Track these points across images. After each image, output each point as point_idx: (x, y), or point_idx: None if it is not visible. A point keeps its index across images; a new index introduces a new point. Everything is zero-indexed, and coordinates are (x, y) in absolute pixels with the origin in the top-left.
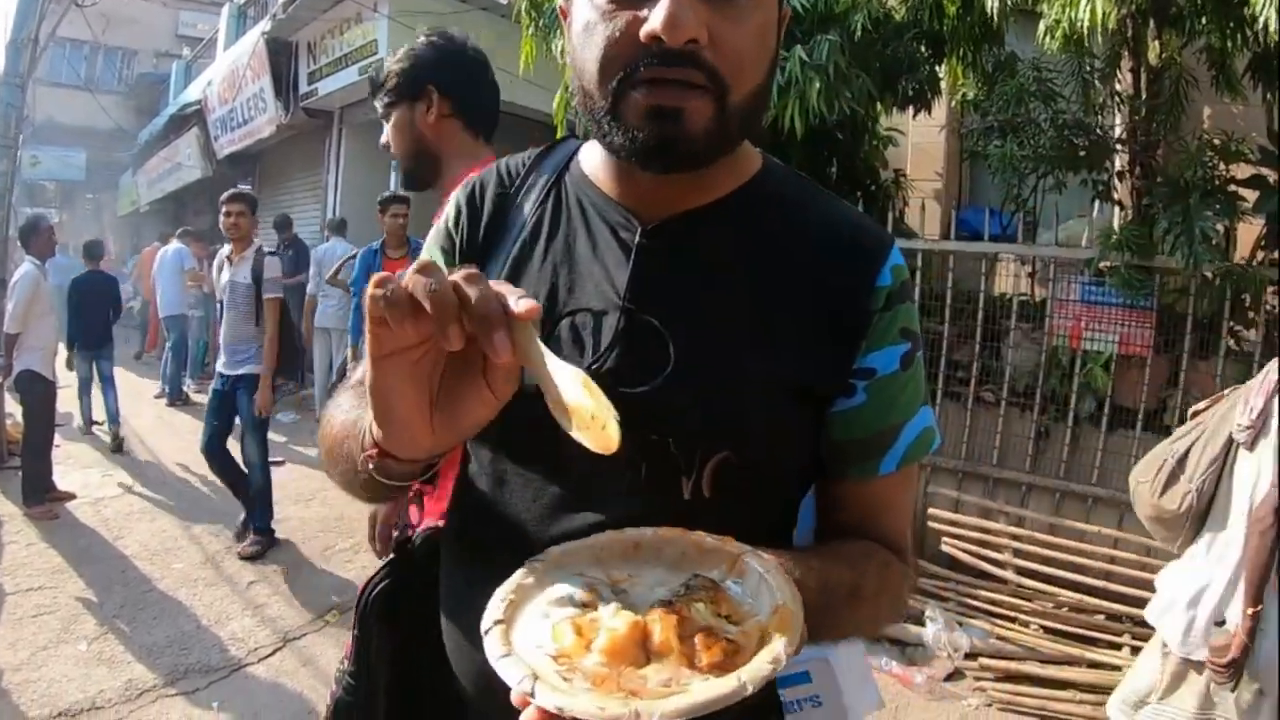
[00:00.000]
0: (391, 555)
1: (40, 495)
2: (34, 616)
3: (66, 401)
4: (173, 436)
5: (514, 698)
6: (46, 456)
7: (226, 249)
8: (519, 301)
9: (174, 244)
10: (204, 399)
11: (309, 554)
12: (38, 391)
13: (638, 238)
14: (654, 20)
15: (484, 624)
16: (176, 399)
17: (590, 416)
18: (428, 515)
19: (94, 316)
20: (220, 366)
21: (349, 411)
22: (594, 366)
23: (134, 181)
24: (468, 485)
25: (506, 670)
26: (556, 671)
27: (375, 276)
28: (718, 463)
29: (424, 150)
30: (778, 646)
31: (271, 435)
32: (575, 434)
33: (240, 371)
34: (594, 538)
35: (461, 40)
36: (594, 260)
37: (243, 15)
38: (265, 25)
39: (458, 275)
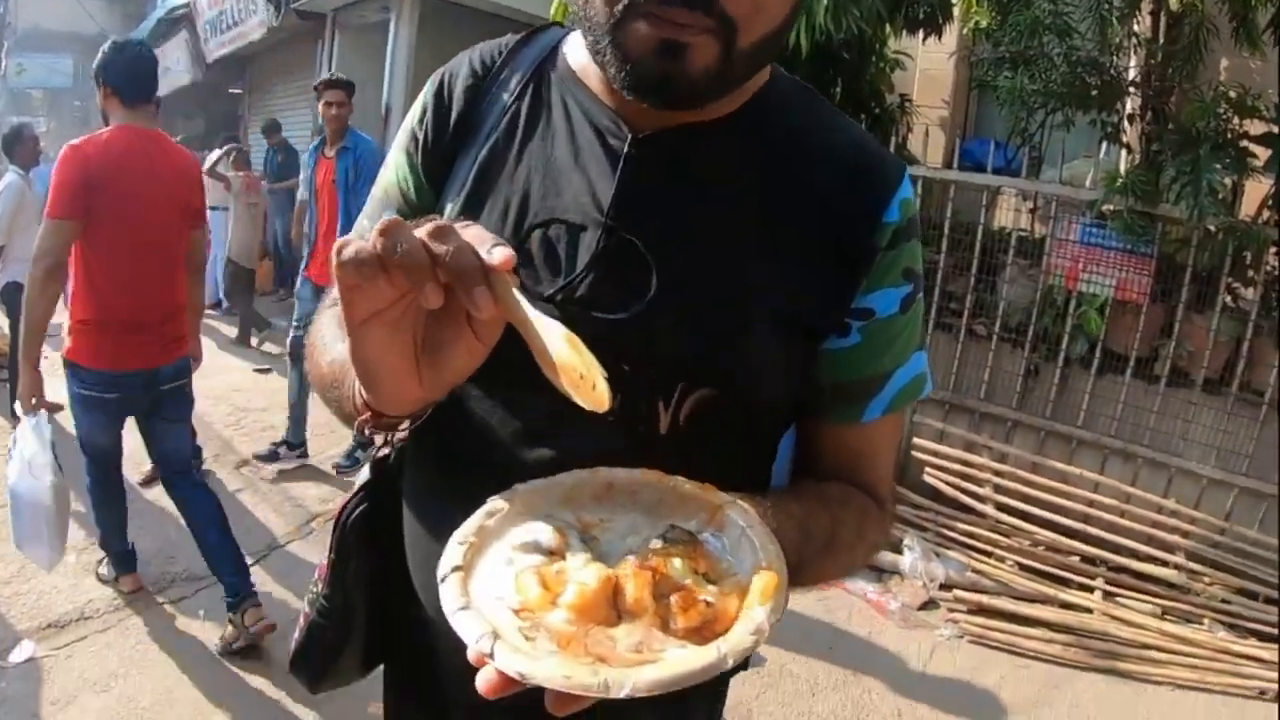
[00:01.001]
0: (369, 477)
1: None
2: None
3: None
4: None
5: (470, 656)
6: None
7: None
8: (493, 251)
9: None
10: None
11: (298, 466)
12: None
13: (627, 146)
14: None
15: (440, 569)
16: None
17: (579, 375)
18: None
19: None
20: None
21: (333, 345)
22: (568, 288)
23: None
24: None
25: (464, 625)
26: (519, 629)
27: (337, 242)
28: (699, 398)
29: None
30: (759, 615)
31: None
32: (565, 390)
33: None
34: (565, 475)
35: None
36: (575, 167)
37: None
38: None
39: (423, 232)
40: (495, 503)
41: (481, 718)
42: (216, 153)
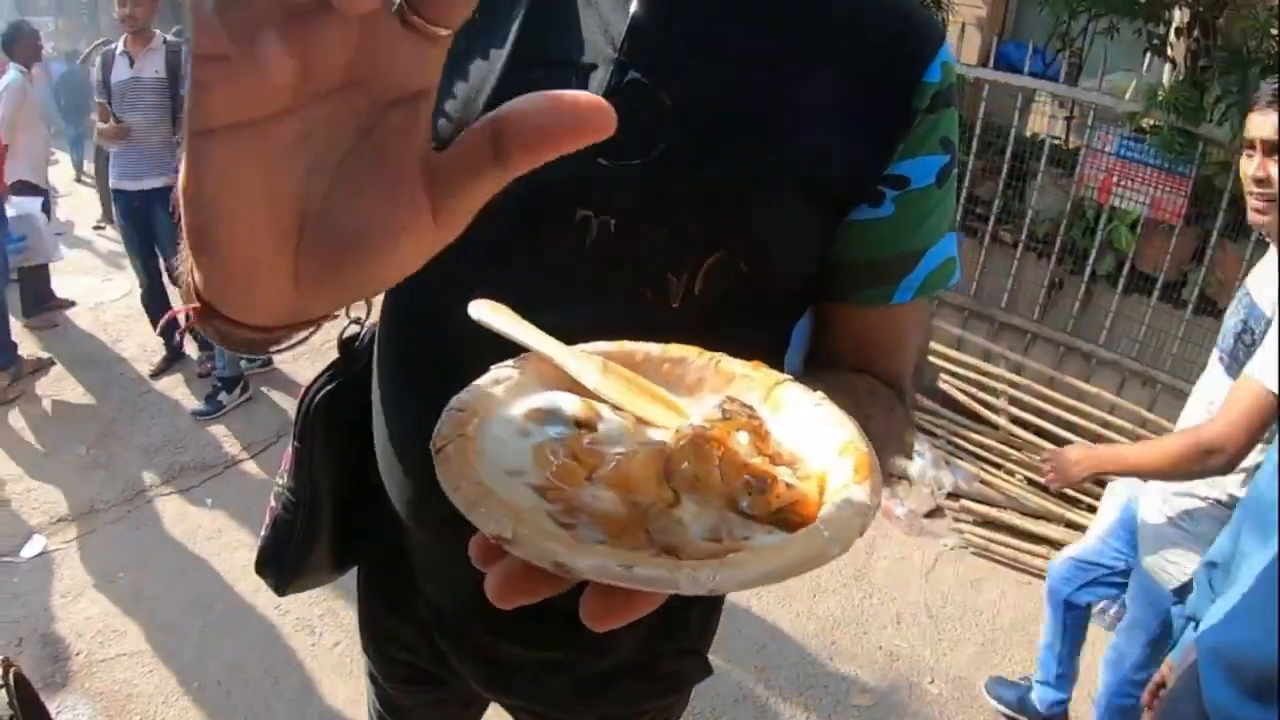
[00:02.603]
0: (336, 356)
1: (40, 305)
2: (32, 425)
3: (66, 210)
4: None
5: (475, 551)
6: (44, 265)
7: (117, 44)
8: None
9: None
10: None
11: (307, 349)
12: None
13: None
14: None
15: (434, 440)
16: None
17: (631, 397)
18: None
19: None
20: (120, 182)
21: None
22: None
23: None
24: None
25: (474, 513)
26: (548, 512)
27: None
28: (714, 263)
29: None
30: (859, 494)
31: None
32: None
33: (156, 184)
34: (584, 345)
35: None
36: (586, 3)
37: None
38: None
39: None
40: (501, 369)
41: (462, 629)
42: None
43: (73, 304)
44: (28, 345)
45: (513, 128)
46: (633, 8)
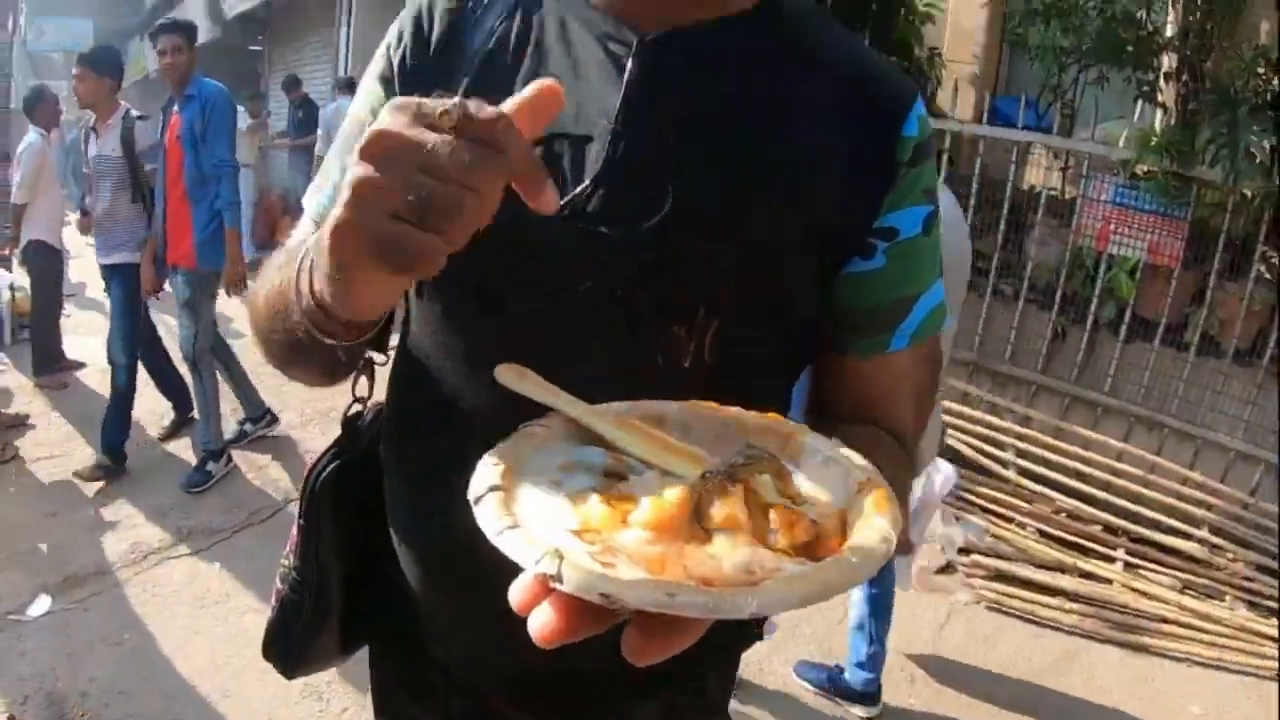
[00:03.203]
0: (339, 435)
1: (50, 365)
2: (43, 484)
3: (77, 271)
4: None
5: (516, 597)
6: (55, 325)
7: (91, 117)
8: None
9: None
10: None
11: (314, 414)
12: (45, 261)
13: (632, 49)
14: None
15: (472, 492)
16: None
17: (658, 450)
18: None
19: None
20: (97, 255)
21: (274, 275)
22: (574, 205)
23: (142, 47)
24: (412, 343)
25: (514, 547)
26: (588, 553)
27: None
28: (719, 323)
29: None
30: (882, 524)
31: None
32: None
33: (116, 260)
34: (607, 405)
35: None
36: (575, 79)
37: None
38: None
39: (442, 136)
40: (530, 426)
41: (483, 698)
42: (240, 109)
43: (83, 365)
44: (37, 404)
45: None
46: (625, 80)
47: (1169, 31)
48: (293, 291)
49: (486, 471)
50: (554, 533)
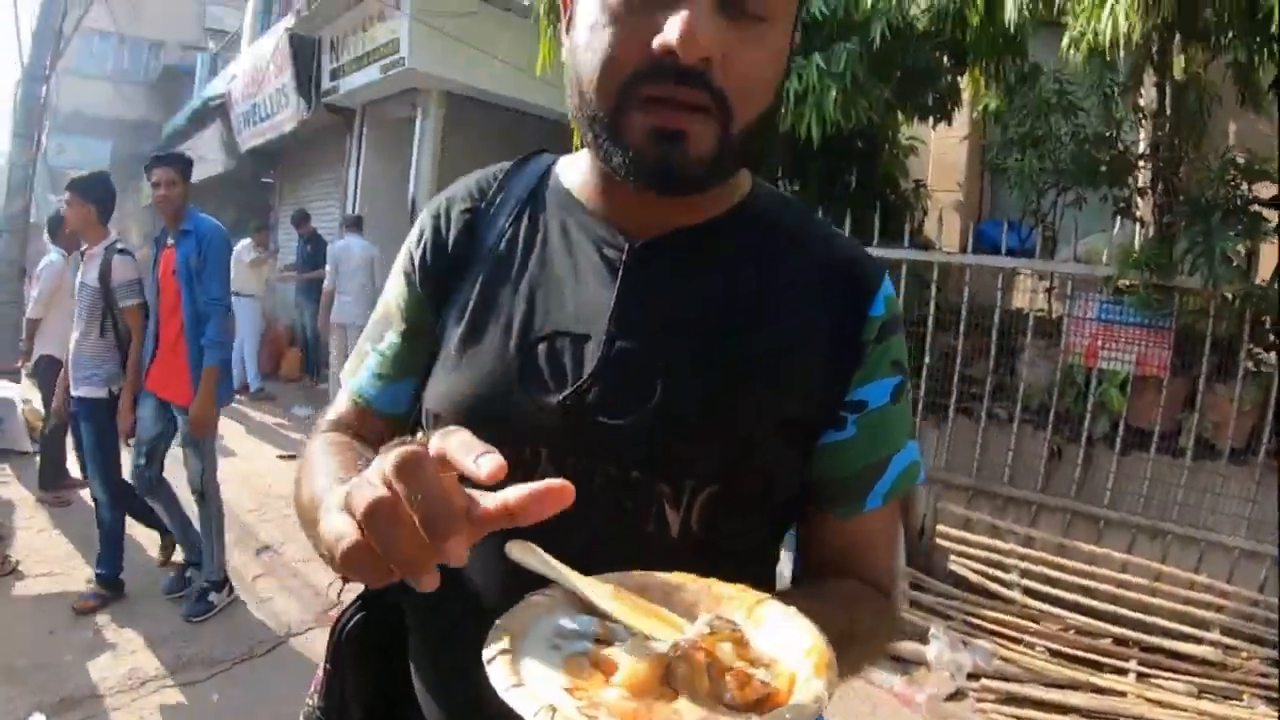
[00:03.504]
0: (364, 589)
1: (56, 481)
2: (42, 600)
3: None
4: None
5: None
6: (63, 442)
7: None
8: (481, 461)
9: None
10: None
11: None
12: (56, 376)
13: (624, 255)
14: (669, 32)
15: (486, 653)
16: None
17: (640, 618)
18: None
19: None
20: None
21: (318, 477)
22: (574, 395)
23: None
24: None
25: (519, 702)
26: (576, 707)
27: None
28: (707, 498)
29: None
30: (818, 686)
31: (287, 430)
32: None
33: (80, 393)
34: (606, 576)
35: None
36: (575, 280)
37: (268, 10)
38: (289, 21)
39: (388, 490)
40: (536, 597)
41: None
42: (246, 240)
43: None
44: (39, 519)
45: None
46: (617, 284)
47: (1140, 148)
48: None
49: (497, 636)
50: (550, 689)
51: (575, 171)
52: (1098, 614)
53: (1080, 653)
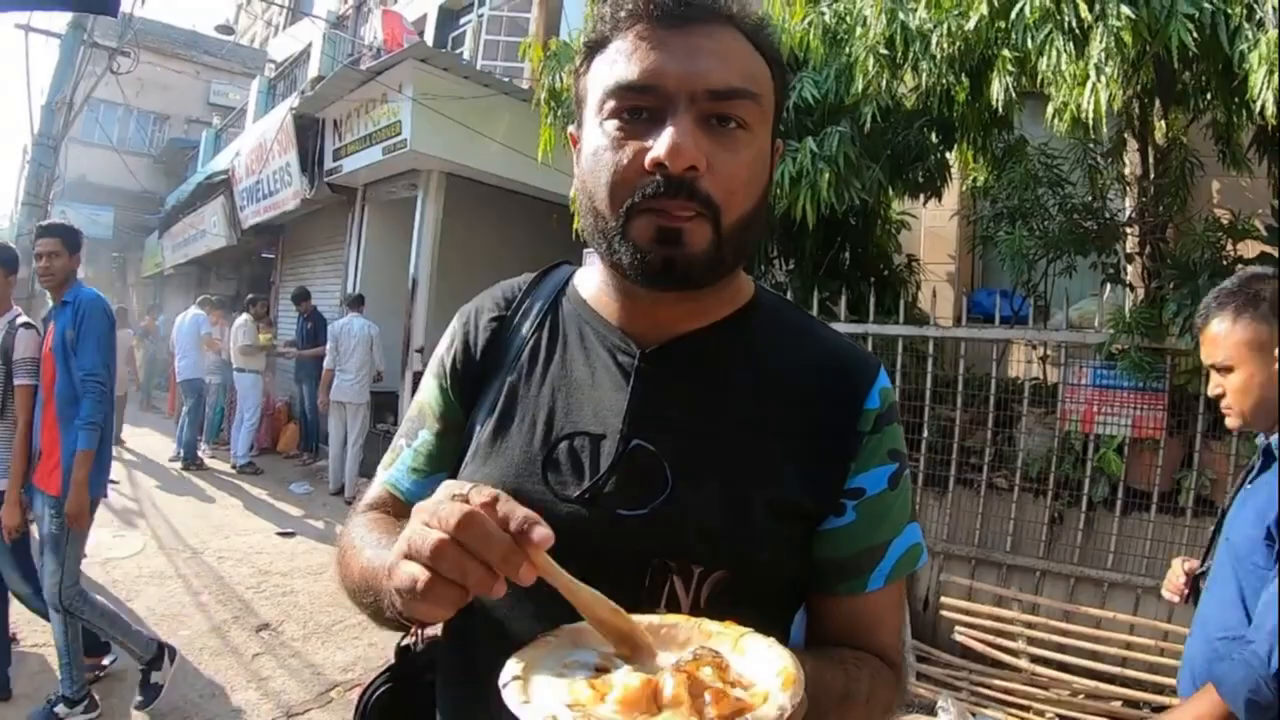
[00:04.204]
0: (392, 660)
1: None
2: (39, 675)
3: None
4: (184, 501)
5: None
6: None
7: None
8: (535, 531)
9: (193, 310)
10: (219, 464)
11: (317, 628)
12: None
13: (636, 361)
14: (658, 148)
15: (502, 679)
16: (191, 463)
17: (622, 634)
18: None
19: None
20: None
21: (365, 550)
22: (593, 489)
23: (160, 244)
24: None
25: (527, 713)
26: (574, 718)
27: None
28: (716, 580)
29: None
30: (782, 698)
31: (285, 507)
32: (612, 645)
33: None
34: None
35: None
36: (592, 384)
37: (272, 89)
38: (293, 101)
39: (452, 529)
40: (545, 636)
41: None
42: (245, 317)
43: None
44: None
45: None
46: (630, 388)
47: (1127, 214)
48: (381, 596)
49: (512, 666)
50: (554, 705)
51: (591, 283)
52: (1106, 677)
53: (1091, 717)
